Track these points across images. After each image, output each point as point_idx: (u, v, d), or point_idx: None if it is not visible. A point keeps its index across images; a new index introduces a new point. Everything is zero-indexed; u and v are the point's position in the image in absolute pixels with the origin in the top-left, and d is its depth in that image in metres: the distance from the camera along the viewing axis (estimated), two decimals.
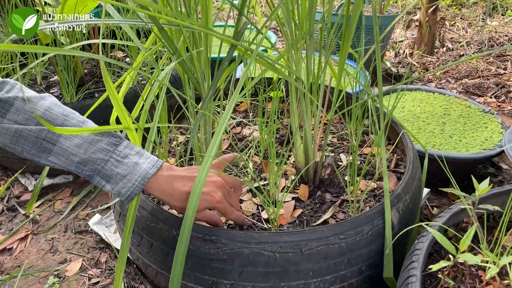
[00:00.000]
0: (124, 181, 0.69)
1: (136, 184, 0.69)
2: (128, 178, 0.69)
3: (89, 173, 0.70)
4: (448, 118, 1.42)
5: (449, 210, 0.82)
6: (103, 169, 0.69)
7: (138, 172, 0.70)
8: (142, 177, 0.70)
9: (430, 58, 2.75)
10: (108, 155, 0.70)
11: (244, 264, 0.74)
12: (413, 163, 0.93)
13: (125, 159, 0.70)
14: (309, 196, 0.96)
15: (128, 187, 0.69)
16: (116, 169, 0.69)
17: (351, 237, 0.77)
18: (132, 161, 0.70)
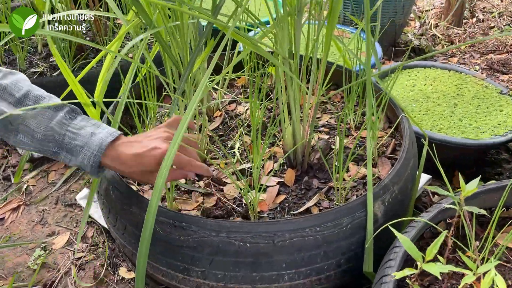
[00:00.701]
0: (84, 152, 0.69)
1: (95, 153, 0.69)
2: (86, 148, 0.69)
3: (55, 149, 0.70)
4: (461, 99, 1.33)
5: (438, 206, 0.77)
6: (63, 143, 0.69)
7: (95, 141, 0.69)
8: (99, 145, 0.69)
9: (456, 30, 2.58)
10: (64, 128, 0.70)
11: (214, 253, 0.72)
12: (407, 151, 0.87)
13: (81, 130, 0.70)
14: (295, 181, 0.92)
15: (88, 156, 0.69)
16: (73, 141, 0.69)
17: (329, 229, 0.73)
18: (88, 131, 0.70)
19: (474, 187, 0.59)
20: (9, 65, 1.45)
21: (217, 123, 1.11)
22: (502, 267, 0.76)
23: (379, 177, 0.91)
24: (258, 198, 0.87)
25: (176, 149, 0.56)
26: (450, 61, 2.14)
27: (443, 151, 1.18)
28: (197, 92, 0.65)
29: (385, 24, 2.03)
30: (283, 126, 0.90)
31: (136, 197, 0.78)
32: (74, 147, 0.69)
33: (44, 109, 0.70)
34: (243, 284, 0.75)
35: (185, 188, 0.90)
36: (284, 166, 0.96)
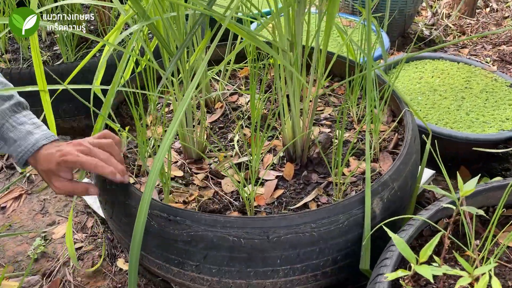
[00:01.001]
0: (15, 145, 0.73)
1: (25, 151, 0.72)
2: (19, 143, 0.73)
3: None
4: (469, 92, 1.30)
5: (437, 203, 0.75)
6: (0, 131, 0.74)
7: (29, 140, 0.73)
8: (32, 145, 0.72)
9: (469, 20, 2.52)
10: (4, 119, 0.74)
11: (208, 247, 0.71)
12: (409, 147, 0.85)
13: (19, 125, 0.74)
14: (294, 175, 0.90)
15: (18, 152, 0.73)
16: (10, 133, 0.73)
17: (324, 226, 0.71)
18: (26, 129, 0.74)
19: (472, 187, 0.57)
20: (13, 53, 1.45)
21: (218, 115, 1.10)
22: (503, 267, 0.75)
23: (380, 173, 0.90)
24: (256, 192, 0.86)
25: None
26: (461, 52, 2.09)
27: (448, 146, 1.16)
28: (194, 80, 0.64)
29: (394, 14, 1.99)
30: (282, 119, 0.89)
31: (131, 190, 0.78)
32: (8, 138, 0.73)
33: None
34: (238, 279, 0.74)
35: (183, 181, 0.90)
36: (284, 160, 0.94)
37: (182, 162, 0.95)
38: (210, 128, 1.05)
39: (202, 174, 0.92)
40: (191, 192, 0.86)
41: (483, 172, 1.23)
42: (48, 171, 0.73)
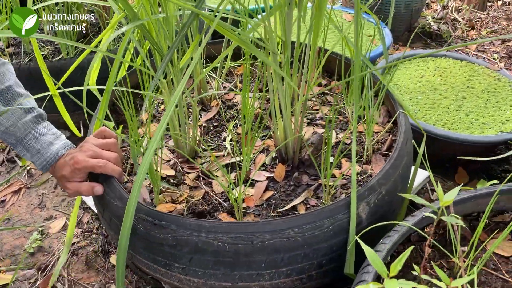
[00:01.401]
0: (38, 156, 0.82)
1: (47, 161, 0.82)
2: (41, 153, 0.82)
3: (13, 141, 0.82)
4: (470, 92, 1.28)
5: (425, 209, 0.74)
6: (23, 141, 0.82)
7: (52, 150, 0.82)
8: (54, 154, 0.82)
9: (479, 14, 2.47)
10: (28, 130, 0.82)
11: (193, 251, 0.72)
12: (400, 150, 0.85)
13: (41, 136, 0.82)
14: (285, 176, 0.90)
15: (41, 161, 0.82)
16: (32, 143, 0.82)
17: (309, 231, 0.72)
18: (48, 140, 0.83)
19: (452, 198, 0.57)
20: (15, 46, 1.46)
21: (213, 113, 1.10)
22: (489, 275, 0.74)
23: (371, 175, 0.89)
24: (246, 193, 0.87)
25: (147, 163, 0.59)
26: (468, 48, 2.05)
27: (446, 147, 1.15)
28: (184, 78, 0.64)
29: (400, 9, 1.95)
30: (274, 120, 0.89)
31: (120, 191, 0.78)
32: (31, 148, 0.82)
33: (14, 108, 0.81)
34: (224, 282, 0.75)
35: (174, 180, 0.90)
36: (276, 161, 0.94)
37: (175, 161, 0.95)
38: (204, 127, 1.05)
39: (193, 173, 0.92)
40: (181, 193, 0.86)
41: (481, 174, 1.22)
42: (62, 177, 0.81)
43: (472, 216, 0.85)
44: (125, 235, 0.61)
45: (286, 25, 0.78)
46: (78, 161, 0.79)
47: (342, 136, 1.01)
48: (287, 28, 0.78)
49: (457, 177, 1.20)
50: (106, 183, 0.82)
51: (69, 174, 0.80)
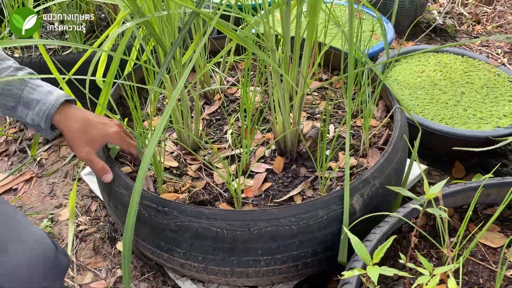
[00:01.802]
0: (39, 105, 0.75)
1: (50, 107, 0.75)
2: (42, 102, 0.76)
3: (13, 104, 0.76)
4: (470, 87, 1.30)
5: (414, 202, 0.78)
6: (22, 97, 0.76)
7: (52, 97, 0.76)
8: (55, 100, 0.76)
9: (486, 8, 2.47)
10: (24, 83, 0.76)
11: (194, 237, 0.76)
12: (394, 144, 0.88)
13: (39, 87, 0.77)
14: (283, 169, 0.94)
15: (43, 110, 0.75)
16: (31, 95, 0.76)
17: (303, 220, 0.75)
18: (46, 89, 0.77)
19: (437, 191, 0.60)
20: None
21: (216, 106, 1.13)
22: (477, 265, 0.77)
23: (366, 168, 0.92)
24: (245, 184, 0.90)
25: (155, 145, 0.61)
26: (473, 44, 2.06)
27: (443, 142, 1.18)
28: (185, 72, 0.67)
29: (405, 4, 1.97)
30: (273, 114, 0.92)
31: (124, 180, 0.83)
32: (31, 100, 0.76)
33: (5, 67, 0.75)
34: (222, 267, 0.79)
35: (177, 171, 0.94)
36: (275, 153, 0.98)
37: (178, 153, 0.99)
38: (207, 120, 1.09)
39: (196, 165, 0.96)
40: (183, 183, 0.91)
41: (478, 168, 1.24)
42: (86, 141, 0.78)
43: (462, 208, 0.88)
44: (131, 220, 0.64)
45: (285, 22, 0.81)
46: (116, 132, 0.80)
47: (340, 131, 1.04)
48: (286, 25, 0.81)
49: (454, 171, 1.22)
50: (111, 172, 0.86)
51: (101, 138, 0.79)
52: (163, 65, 0.73)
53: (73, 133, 0.78)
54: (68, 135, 0.79)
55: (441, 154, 1.25)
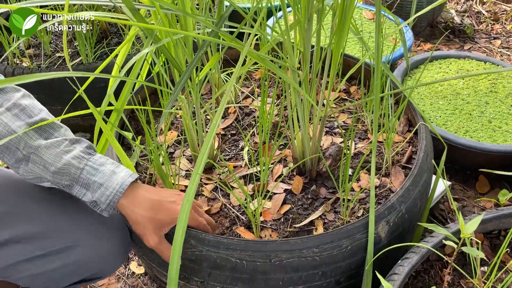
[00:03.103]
0: (102, 189, 0.67)
1: (114, 192, 0.67)
2: (106, 186, 0.67)
3: (68, 182, 0.67)
4: (494, 96, 1.25)
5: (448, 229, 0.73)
6: (80, 178, 0.67)
7: (116, 180, 0.67)
8: (120, 185, 0.67)
9: (505, 6, 2.39)
10: (82, 162, 0.67)
11: (212, 267, 0.73)
12: (420, 166, 0.83)
13: (101, 166, 0.68)
14: (303, 189, 0.90)
15: (106, 195, 0.67)
16: (92, 177, 0.67)
17: (327, 251, 0.72)
18: (109, 169, 0.68)
19: (474, 228, 0.56)
20: (35, 48, 1.47)
21: (231, 120, 1.10)
22: None
23: (390, 189, 0.88)
24: (263, 207, 0.87)
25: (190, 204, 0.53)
26: (493, 44, 1.99)
27: (467, 156, 1.13)
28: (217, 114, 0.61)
29: (422, 5, 1.90)
30: (291, 132, 0.88)
31: None
32: (92, 183, 0.67)
33: (59, 140, 0.67)
34: None
35: None
36: (294, 172, 0.94)
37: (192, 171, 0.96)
38: (222, 135, 1.05)
39: (211, 185, 0.93)
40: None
41: (503, 182, 1.19)
42: (154, 223, 0.70)
43: (493, 234, 0.83)
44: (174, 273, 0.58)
45: (306, 41, 0.77)
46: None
47: (360, 147, 0.99)
48: (306, 43, 0.77)
49: (478, 186, 1.18)
50: None
51: (169, 221, 0.71)
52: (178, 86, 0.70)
53: (139, 221, 0.70)
54: (134, 222, 0.71)
55: (465, 167, 1.20)
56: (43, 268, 0.72)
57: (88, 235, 0.73)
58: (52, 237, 0.71)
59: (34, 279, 0.73)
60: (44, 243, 0.71)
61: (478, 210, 1.12)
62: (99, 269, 0.77)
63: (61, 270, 0.73)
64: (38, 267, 0.72)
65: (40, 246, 0.71)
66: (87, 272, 0.76)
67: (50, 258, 0.72)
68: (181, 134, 1.06)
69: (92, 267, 0.75)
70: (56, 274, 0.73)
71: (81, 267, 0.74)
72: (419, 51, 1.96)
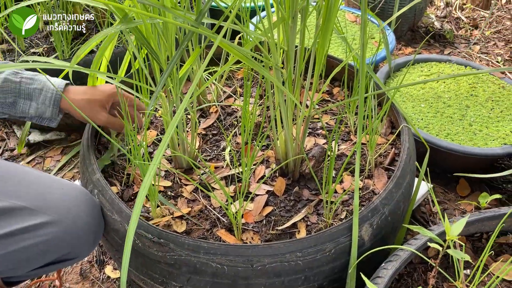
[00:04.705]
0: (44, 93, 0.76)
1: (55, 92, 0.77)
2: (46, 89, 0.77)
3: (12, 99, 0.75)
4: (474, 100, 1.26)
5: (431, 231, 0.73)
6: (21, 90, 0.75)
7: (53, 82, 0.78)
8: (58, 85, 0.78)
9: (483, 13, 2.43)
10: (18, 76, 0.76)
11: (191, 271, 0.70)
12: (403, 169, 0.83)
13: (35, 76, 0.77)
14: (285, 190, 0.88)
15: (49, 97, 0.77)
16: (31, 86, 0.76)
17: (310, 255, 0.70)
18: (42, 77, 0.78)
19: (459, 230, 0.55)
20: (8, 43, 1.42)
21: (212, 119, 1.07)
22: None
23: (373, 191, 0.87)
24: (245, 208, 0.85)
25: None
26: (472, 49, 2.02)
27: (448, 158, 1.13)
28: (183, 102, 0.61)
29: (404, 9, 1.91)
30: (274, 134, 0.86)
31: (118, 204, 0.76)
32: (32, 91, 0.76)
33: None
34: None
35: (171, 192, 0.88)
36: (276, 173, 0.92)
37: (172, 172, 0.93)
38: (203, 135, 1.03)
39: (191, 185, 0.90)
40: (177, 209, 0.84)
41: (483, 185, 1.20)
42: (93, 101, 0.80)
43: (475, 237, 0.83)
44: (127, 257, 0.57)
45: (290, 39, 0.75)
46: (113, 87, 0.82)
47: (343, 148, 0.98)
48: (290, 42, 0.75)
49: (458, 189, 1.18)
50: (102, 195, 0.79)
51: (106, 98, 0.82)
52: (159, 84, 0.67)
53: (83, 105, 0.80)
54: (80, 108, 0.80)
55: (446, 170, 1.20)
56: (7, 249, 0.68)
57: (58, 211, 0.71)
58: (18, 214, 0.68)
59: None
60: (10, 221, 0.68)
61: (459, 213, 1.13)
62: (71, 248, 0.73)
63: (30, 250, 0.68)
64: (1, 248, 0.68)
65: (4, 224, 0.67)
66: (57, 252, 0.72)
67: (16, 237, 0.67)
68: (161, 133, 1.02)
69: (62, 246, 0.71)
70: (23, 255, 0.69)
71: (52, 246, 0.70)
72: (400, 55, 1.97)
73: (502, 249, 0.81)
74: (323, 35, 0.70)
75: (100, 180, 0.81)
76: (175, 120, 0.58)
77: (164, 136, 0.57)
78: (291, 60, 0.76)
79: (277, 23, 0.73)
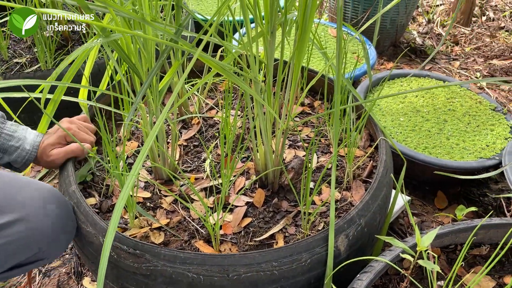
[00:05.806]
0: (18, 151, 0.83)
1: (30, 153, 0.84)
2: (22, 148, 0.83)
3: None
4: (452, 115, 1.29)
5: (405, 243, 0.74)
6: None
7: (29, 142, 0.84)
8: (32, 144, 0.84)
9: (463, 29, 2.50)
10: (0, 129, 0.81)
11: (167, 282, 0.70)
12: (379, 181, 0.84)
13: (15, 133, 0.83)
14: (265, 202, 0.89)
15: (23, 156, 0.83)
16: (9, 142, 0.82)
17: (286, 265, 0.70)
18: (22, 134, 0.84)
19: (429, 241, 0.56)
20: None
21: (194, 131, 1.08)
22: None
23: (351, 203, 0.89)
24: (224, 220, 0.85)
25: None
26: (452, 65, 2.07)
27: (426, 171, 1.15)
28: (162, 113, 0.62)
29: (386, 25, 1.96)
30: (253, 145, 0.87)
31: (92, 217, 0.76)
32: (8, 147, 0.82)
33: None
34: None
35: (150, 203, 0.88)
36: (256, 184, 0.93)
37: (151, 183, 0.93)
38: (184, 146, 1.03)
39: (171, 197, 0.90)
40: (156, 220, 0.84)
41: (460, 198, 1.23)
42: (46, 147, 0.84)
43: (449, 248, 0.85)
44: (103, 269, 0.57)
45: (269, 53, 0.77)
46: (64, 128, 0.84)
47: (323, 161, 1.00)
48: (269, 55, 0.77)
49: (436, 201, 1.20)
50: (77, 207, 0.79)
51: (54, 140, 0.85)
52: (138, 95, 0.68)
53: (42, 155, 0.85)
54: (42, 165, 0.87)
55: (424, 183, 1.22)
56: None
57: (25, 209, 0.72)
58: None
59: None
60: None
61: (437, 225, 1.14)
62: (39, 247, 0.73)
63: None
64: None
65: None
66: (25, 252, 0.71)
67: None
68: (142, 144, 1.03)
69: (30, 245, 0.71)
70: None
71: (20, 246, 0.70)
72: (382, 70, 2.01)
73: (476, 260, 0.83)
74: (299, 46, 0.71)
75: (75, 192, 0.81)
76: (153, 131, 0.59)
77: (143, 147, 0.58)
78: (270, 74, 0.78)
79: (255, 38, 0.75)
